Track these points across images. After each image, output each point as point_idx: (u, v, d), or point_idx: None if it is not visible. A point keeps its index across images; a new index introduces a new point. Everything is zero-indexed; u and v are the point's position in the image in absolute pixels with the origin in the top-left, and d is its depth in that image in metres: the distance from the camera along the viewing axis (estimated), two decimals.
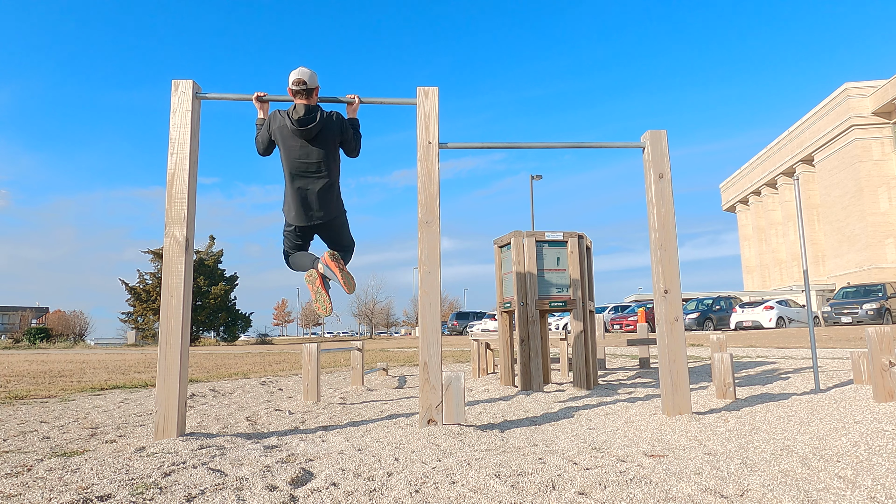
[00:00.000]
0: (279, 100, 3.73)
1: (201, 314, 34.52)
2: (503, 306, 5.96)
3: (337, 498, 2.10)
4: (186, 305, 3.37)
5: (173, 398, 3.22)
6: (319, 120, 3.57)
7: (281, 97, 3.72)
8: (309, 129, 3.54)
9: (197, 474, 2.44)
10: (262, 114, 3.79)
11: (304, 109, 3.53)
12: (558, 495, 2.06)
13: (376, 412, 4.41)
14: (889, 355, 3.74)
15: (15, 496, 2.16)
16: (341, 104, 3.85)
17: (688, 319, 25.87)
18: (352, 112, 3.83)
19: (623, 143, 4.00)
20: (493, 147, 3.93)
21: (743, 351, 10.58)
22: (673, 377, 3.62)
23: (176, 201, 3.41)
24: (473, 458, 2.64)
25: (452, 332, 35.87)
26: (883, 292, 22.65)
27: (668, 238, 3.77)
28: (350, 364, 7.54)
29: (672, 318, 3.69)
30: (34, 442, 3.29)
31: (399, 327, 62.47)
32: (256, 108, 3.81)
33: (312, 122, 3.54)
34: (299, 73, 3.55)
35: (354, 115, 3.83)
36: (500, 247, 6.06)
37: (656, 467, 2.39)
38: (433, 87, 3.71)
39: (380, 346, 21.82)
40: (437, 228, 3.58)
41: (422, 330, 3.49)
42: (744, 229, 54.46)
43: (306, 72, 3.57)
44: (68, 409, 4.66)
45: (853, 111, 35.44)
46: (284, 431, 3.64)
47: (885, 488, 2.04)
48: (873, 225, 34.85)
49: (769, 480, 2.17)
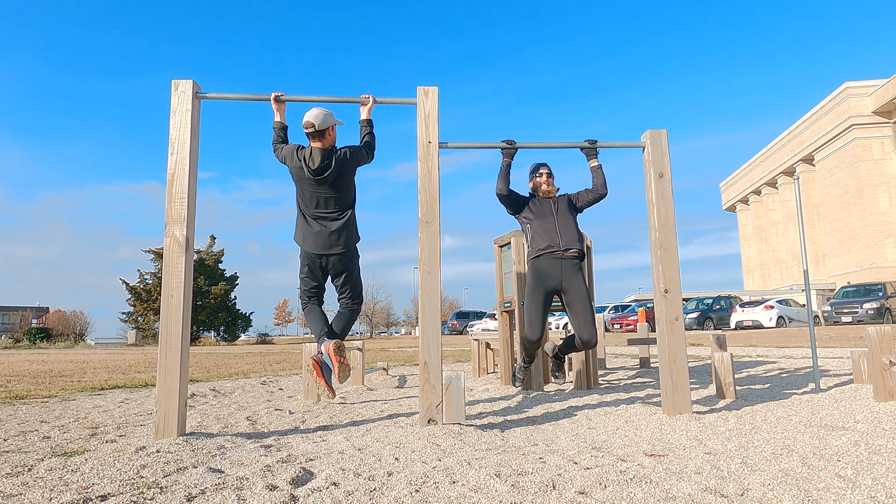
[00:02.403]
0: (296, 100, 3.70)
1: (201, 314, 34.51)
2: (503, 306, 5.96)
3: (337, 497, 2.10)
4: (187, 305, 3.37)
5: (174, 398, 3.22)
6: (335, 166, 3.53)
7: (297, 97, 3.68)
8: (325, 178, 3.52)
9: (197, 474, 2.44)
10: (279, 116, 3.72)
11: (320, 157, 3.49)
12: (558, 495, 2.06)
13: (376, 412, 4.41)
14: (889, 355, 3.73)
15: (15, 496, 2.16)
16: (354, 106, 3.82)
17: (688, 319, 25.88)
18: (365, 112, 3.78)
19: (623, 142, 4.00)
20: (493, 147, 3.92)
21: (743, 350, 10.58)
22: (673, 376, 3.62)
23: (176, 201, 3.41)
24: (474, 457, 2.64)
25: (452, 332, 35.88)
26: (883, 292, 22.66)
27: (669, 237, 3.77)
28: (350, 364, 7.53)
29: (672, 317, 3.69)
30: (34, 442, 3.29)
31: (399, 327, 62.49)
32: (273, 110, 3.75)
33: (328, 169, 3.51)
34: (309, 115, 3.53)
35: (368, 115, 3.79)
36: (500, 246, 6.06)
37: (656, 467, 2.39)
38: (433, 86, 3.70)
39: (380, 345, 21.83)
40: (438, 228, 3.58)
41: (422, 330, 3.49)
42: (744, 229, 54.45)
43: (317, 114, 3.53)
44: (69, 409, 4.66)
45: (853, 110, 35.42)
46: (285, 431, 3.64)
47: (886, 488, 2.04)
48: (873, 224, 34.84)
49: (769, 480, 2.17)
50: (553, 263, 3.74)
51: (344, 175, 3.58)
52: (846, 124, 35.86)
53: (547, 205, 3.97)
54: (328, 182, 3.53)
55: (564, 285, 3.66)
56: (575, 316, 3.62)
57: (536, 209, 3.97)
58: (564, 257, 3.74)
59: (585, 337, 3.56)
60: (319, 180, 3.50)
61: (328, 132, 3.60)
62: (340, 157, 3.57)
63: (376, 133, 3.83)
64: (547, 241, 3.79)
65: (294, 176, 3.61)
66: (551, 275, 3.70)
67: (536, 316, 3.63)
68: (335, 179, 3.54)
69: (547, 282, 3.67)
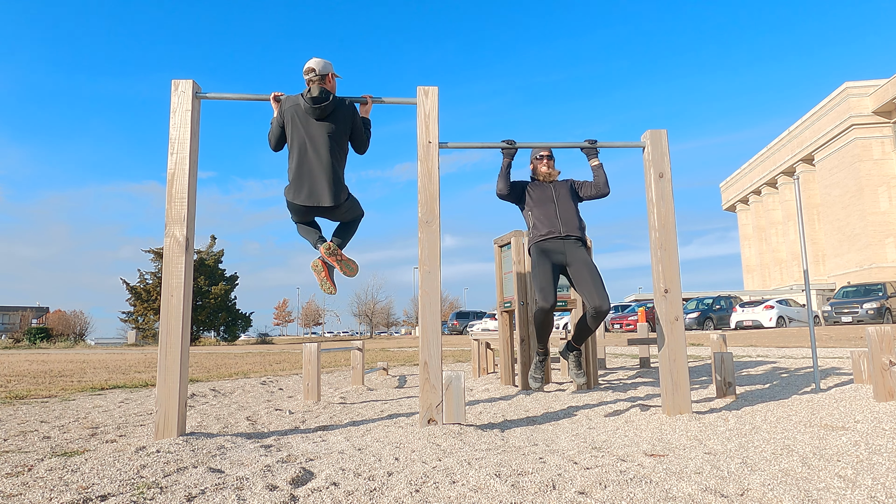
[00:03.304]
0: None
1: (202, 314, 34.52)
2: (503, 306, 5.96)
3: (337, 497, 2.10)
4: (187, 305, 3.37)
5: (174, 398, 3.22)
6: (333, 100, 3.61)
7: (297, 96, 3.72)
8: (322, 108, 3.56)
9: (197, 474, 2.44)
10: (278, 113, 3.77)
11: (319, 90, 3.56)
12: (559, 495, 2.06)
13: (376, 412, 4.41)
14: (889, 354, 3.73)
15: (15, 496, 2.16)
16: None
17: (688, 319, 25.88)
18: (364, 112, 3.84)
19: (623, 142, 4.00)
20: (493, 147, 3.92)
21: (743, 350, 10.58)
22: (673, 376, 3.62)
23: (176, 201, 3.41)
24: (474, 457, 2.64)
25: (452, 332, 35.87)
26: (883, 292, 22.65)
27: (669, 237, 3.77)
28: (350, 364, 7.54)
29: (672, 317, 3.69)
30: (34, 442, 3.29)
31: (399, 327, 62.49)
32: (273, 108, 3.79)
33: (325, 100, 3.57)
34: (310, 62, 3.63)
35: (367, 115, 3.84)
36: (500, 246, 6.06)
37: (656, 467, 2.39)
38: (433, 86, 3.71)
39: (380, 345, 21.82)
40: (438, 228, 3.58)
41: (422, 329, 3.49)
42: (744, 228, 54.44)
43: (318, 60, 3.64)
44: (69, 409, 4.66)
45: (853, 110, 35.42)
46: (285, 431, 3.64)
47: (886, 488, 2.04)
48: (873, 224, 34.84)
49: (769, 480, 2.17)
50: (556, 243, 3.81)
51: (338, 118, 3.63)
52: (846, 124, 35.86)
53: (547, 190, 3.96)
54: (325, 114, 3.57)
55: (569, 259, 3.71)
56: (583, 284, 3.60)
57: (536, 195, 3.96)
58: (567, 237, 3.78)
59: (597, 303, 3.52)
60: (316, 110, 3.53)
61: (328, 79, 3.68)
62: (339, 100, 3.65)
63: (373, 132, 3.88)
64: (548, 228, 3.80)
65: (290, 119, 3.63)
66: (555, 251, 3.78)
67: (547, 282, 3.62)
68: (331, 115, 3.59)
69: (552, 256, 3.71)
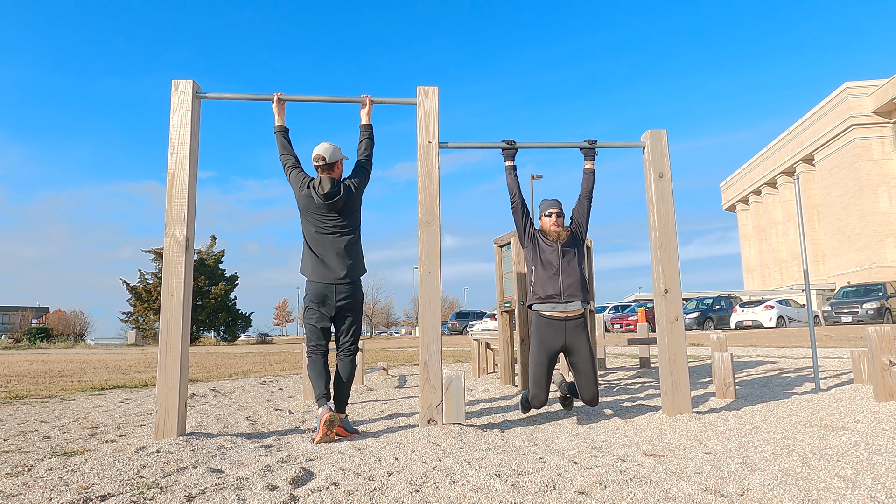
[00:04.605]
0: (296, 99, 3.71)
1: (202, 314, 34.50)
2: (503, 306, 5.96)
3: (337, 497, 2.10)
4: (187, 305, 3.37)
5: (174, 398, 3.22)
6: (343, 193, 3.58)
7: (298, 97, 3.70)
8: (335, 202, 3.55)
9: (197, 474, 2.44)
10: (280, 119, 3.73)
11: (330, 183, 3.54)
12: (558, 495, 2.06)
13: (376, 412, 4.41)
14: (889, 355, 3.74)
15: (15, 496, 2.16)
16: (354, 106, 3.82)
17: (688, 319, 25.87)
18: (365, 117, 3.79)
19: (623, 142, 4.00)
20: (493, 147, 3.92)
21: (743, 350, 10.58)
22: (673, 376, 3.62)
23: (176, 201, 3.41)
24: (474, 457, 2.64)
25: (452, 332, 35.86)
26: (883, 292, 22.64)
27: (669, 238, 3.77)
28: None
29: (672, 317, 3.69)
30: (35, 442, 3.29)
31: (399, 327, 62.45)
32: (274, 112, 3.72)
33: (337, 195, 3.56)
34: (319, 149, 3.59)
35: (368, 119, 3.80)
36: (500, 246, 6.06)
37: (657, 467, 2.39)
38: (433, 86, 3.71)
39: (380, 345, 21.83)
40: (438, 228, 3.58)
41: (422, 330, 3.49)
42: (744, 229, 54.44)
43: (327, 148, 3.59)
44: (69, 409, 4.66)
45: (853, 110, 35.42)
46: (285, 431, 3.64)
47: (886, 488, 2.04)
48: (873, 224, 34.84)
49: (769, 480, 2.17)
50: (557, 323, 3.67)
51: (352, 203, 3.62)
52: (846, 124, 35.86)
53: (554, 251, 3.79)
54: (337, 208, 3.56)
55: (568, 345, 3.64)
56: (579, 377, 3.64)
57: (543, 254, 3.81)
58: (568, 318, 3.67)
59: (587, 398, 3.63)
60: (329, 205, 3.53)
61: (336, 165, 3.66)
62: (348, 185, 3.64)
63: (375, 135, 3.83)
64: (550, 291, 3.70)
65: (300, 205, 3.64)
66: (556, 333, 3.65)
67: (541, 376, 3.63)
68: (343, 206, 3.57)
69: (552, 341, 3.65)
